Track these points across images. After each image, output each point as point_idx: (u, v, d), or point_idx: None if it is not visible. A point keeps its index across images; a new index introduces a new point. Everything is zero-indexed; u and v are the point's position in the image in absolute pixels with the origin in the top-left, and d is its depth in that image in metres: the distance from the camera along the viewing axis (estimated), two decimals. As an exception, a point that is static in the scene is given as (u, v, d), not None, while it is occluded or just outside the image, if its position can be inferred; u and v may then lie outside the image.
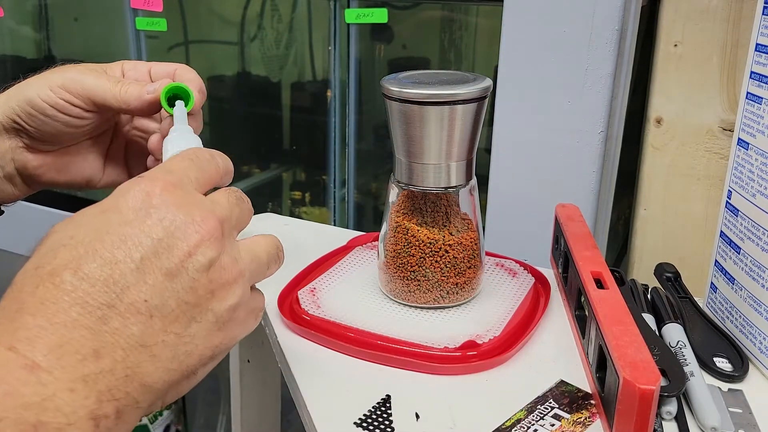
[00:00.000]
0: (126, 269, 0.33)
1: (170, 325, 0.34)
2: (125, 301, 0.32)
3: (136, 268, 0.33)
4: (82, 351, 0.30)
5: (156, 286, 0.33)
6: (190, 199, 0.36)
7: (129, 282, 0.33)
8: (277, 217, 0.77)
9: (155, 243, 0.34)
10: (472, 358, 0.50)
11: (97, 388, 0.30)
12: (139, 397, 0.32)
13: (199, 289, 0.35)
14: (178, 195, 0.36)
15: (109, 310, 0.32)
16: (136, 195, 0.35)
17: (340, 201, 1.10)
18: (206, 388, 1.43)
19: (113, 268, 0.32)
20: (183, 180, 0.37)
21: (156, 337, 0.33)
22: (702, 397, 0.45)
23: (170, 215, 0.35)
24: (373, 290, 0.59)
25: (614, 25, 0.69)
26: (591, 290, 0.49)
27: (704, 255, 0.75)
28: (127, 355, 0.32)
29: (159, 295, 0.33)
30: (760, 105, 0.50)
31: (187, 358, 0.34)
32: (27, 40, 1.32)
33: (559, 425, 0.44)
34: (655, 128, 0.78)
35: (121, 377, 0.31)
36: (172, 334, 0.34)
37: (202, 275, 0.35)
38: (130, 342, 0.32)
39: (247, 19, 1.12)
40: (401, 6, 0.98)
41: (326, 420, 0.45)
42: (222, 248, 0.36)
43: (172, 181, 0.36)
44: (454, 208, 0.55)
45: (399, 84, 0.51)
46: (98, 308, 0.31)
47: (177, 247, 0.34)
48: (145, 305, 0.33)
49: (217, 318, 0.36)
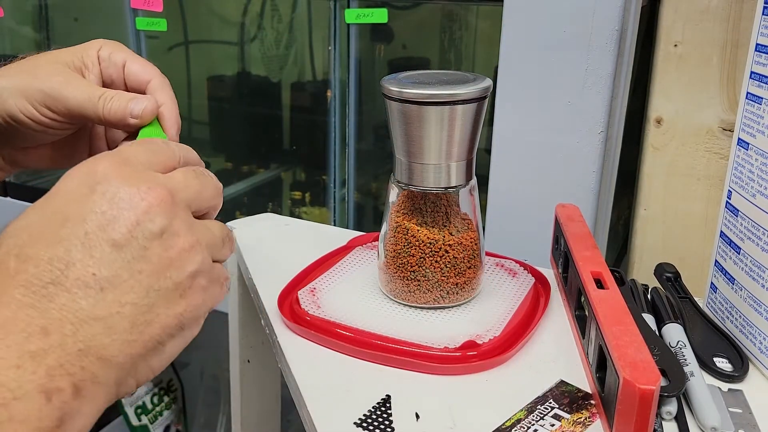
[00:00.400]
0: (70, 245, 0.33)
1: (124, 295, 0.33)
2: (71, 276, 0.32)
3: (81, 243, 0.33)
4: (27, 329, 0.30)
5: (103, 258, 0.33)
6: (135, 173, 0.36)
7: (74, 258, 0.33)
8: (277, 217, 0.77)
9: (99, 216, 0.34)
10: (472, 358, 0.50)
11: (45, 363, 0.30)
12: (98, 372, 0.32)
13: (152, 257, 0.34)
14: (124, 171, 0.35)
15: (55, 288, 0.32)
16: (79, 175, 0.35)
17: (340, 201, 1.10)
18: (206, 388, 1.43)
19: (57, 246, 0.33)
20: (131, 159, 0.37)
21: (109, 308, 0.33)
22: (702, 397, 0.45)
23: (113, 188, 0.34)
24: (373, 290, 0.59)
25: (614, 25, 0.69)
26: (591, 290, 0.49)
27: (704, 255, 0.75)
28: (77, 329, 0.32)
29: (107, 266, 0.33)
30: (760, 105, 0.50)
31: (148, 327, 0.34)
32: (27, 40, 1.32)
33: (559, 425, 0.44)
34: (655, 128, 0.78)
35: (74, 351, 0.31)
36: (128, 304, 0.33)
37: (154, 242, 0.35)
38: (79, 316, 0.32)
39: (247, 19, 1.12)
40: (401, 6, 0.98)
41: (326, 420, 0.45)
42: (173, 215, 0.35)
43: (117, 160, 0.36)
44: (454, 208, 0.55)
45: (399, 84, 0.51)
46: (43, 287, 0.32)
47: (123, 217, 0.34)
48: (94, 278, 0.33)
49: (176, 285, 0.35)
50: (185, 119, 1.31)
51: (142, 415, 1.36)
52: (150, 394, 1.38)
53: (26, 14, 1.29)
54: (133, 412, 1.35)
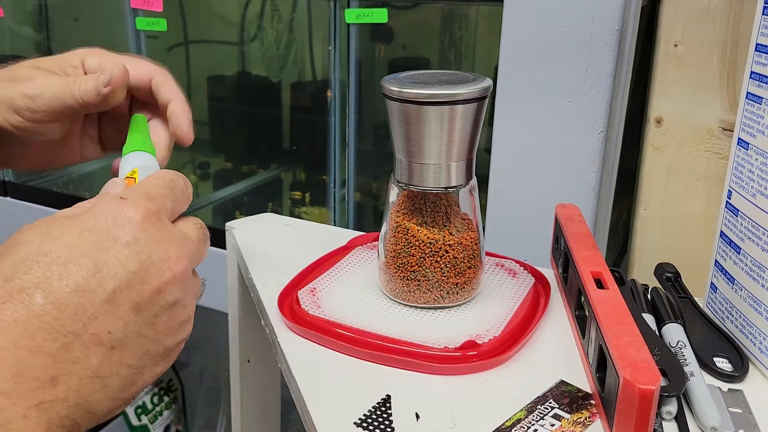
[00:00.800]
0: (97, 299, 0.33)
1: (126, 357, 0.34)
2: (90, 330, 0.32)
3: (107, 298, 0.33)
4: (40, 377, 0.30)
5: (122, 318, 0.34)
6: (167, 235, 0.37)
7: (98, 312, 0.33)
8: (277, 217, 0.77)
9: (129, 275, 0.34)
10: (472, 358, 0.50)
11: (48, 416, 0.30)
12: (82, 423, 0.33)
13: (159, 324, 0.35)
14: (158, 228, 0.36)
15: (74, 339, 0.32)
16: (117, 220, 0.35)
17: (340, 201, 1.10)
18: (206, 388, 1.43)
19: (85, 296, 0.32)
20: (161, 210, 0.38)
21: (112, 368, 0.33)
22: (702, 397, 0.45)
23: (148, 249, 0.35)
24: (373, 290, 0.59)
25: (614, 25, 0.69)
26: (591, 290, 0.49)
27: (704, 255, 0.75)
28: (82, 385, 0.32)
29: (123, 327, 0.34)
30: (760, 105, 0.50)
31: (132, 387, 0.35)
32: (27, 40, 1.32)
33: (559, 425, 0.44)
34: (655, 128, 0.78)
35: (72, 405, 0.32)
36: (126, 366, 0.34)
37: (165, 311, 0.36)
38: (87, 372, 0.32)
39: (247, 19, 1.12)
40: (401, 6, 0.98)
41: (326, 420, 0.45)
42: (187, 288, 0.37)
43: (152, 210, 0.37)
44: (454, 208, 0.55)
45: (399, 84, 0.51)
46: (64, 335, 0.32)
47: (149, 282, 0.35)
48: (108, 337, 0.33)
49: (166, 350, 0.36)
50: (185, 119, 1.30)
51: (142, 415, 1.36)
52: (150, 394, 1.38)
53: (26, 14, 1.29)
54: (133, 412, 1.35)
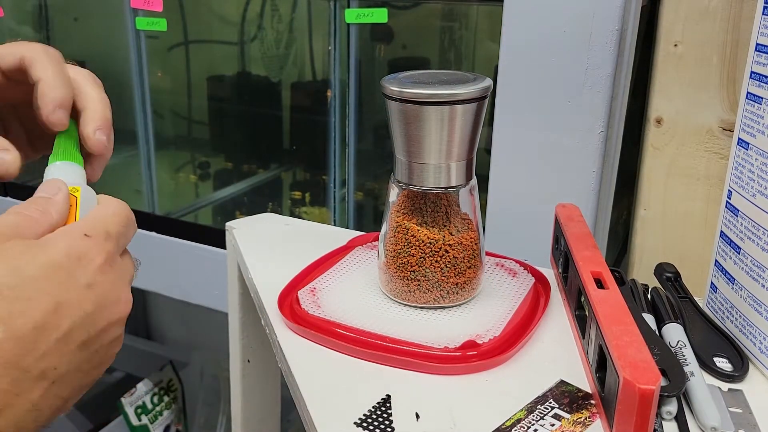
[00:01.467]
0: (51, 337, 0.33)
1: (63, 390, 0.34)
2: (40, 367, 0.33)
3: (61, 337, 0.34)
4: None
5: (68, 355, 0.34)
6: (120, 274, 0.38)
7: (50, 349, 0.33)
8: (278, 217, 0.77)
9: (84, 316, 0.35)
10: (472, 358, 0.50)
11: None
12: None
13: (95, 359, 0.36)
14: (114, 270, 0.37)
15: (23, 374, 0.32)
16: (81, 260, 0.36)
17: (340, 201, 1.10)
18: (206, 388, 1.43)
19: (41, 333, 0.33)
20: (118, 249, 0.39)
21: (49, 401, 0.34)
22: (702, 397, 0.45)
23: (104, 292, 0.36)
24: (373, 290, 0.59)
25: (614, 25, 0.69)
26: (591, 290, 0.49)
27: (704, 255, 0.75)
28: (20, 417, 0.32)
29: (67, 363, 0.34)
30: (760, 105, 0.50)
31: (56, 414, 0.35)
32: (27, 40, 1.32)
33: (559, 425, 0.44)
34: (655, 128, 0.78)
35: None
36: (60, 398, 0.34)
37: (105, 348, 0.36)
38: (27, 406, 0.32)
39: (247, 19, 1.12)
40: (401, 6, 0.98)
41: (326, 420, 0.45)
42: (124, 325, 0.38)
43: (111, 252, 0.38)
44: (454, 208, 0.55)
45: (399, 84, 0.51)
46: (16, 370, 0.32)
47: (99, 323, 0.36)
48: (53, 372, 0.33)
49: (90, 382, 0.37)
50: (185, 119, 1.31)
51: (142, 415, 1.36)
52: (150, 394, 1.38)
53: (26, 14, 1.29)
54: (133, 412, 1.35)
